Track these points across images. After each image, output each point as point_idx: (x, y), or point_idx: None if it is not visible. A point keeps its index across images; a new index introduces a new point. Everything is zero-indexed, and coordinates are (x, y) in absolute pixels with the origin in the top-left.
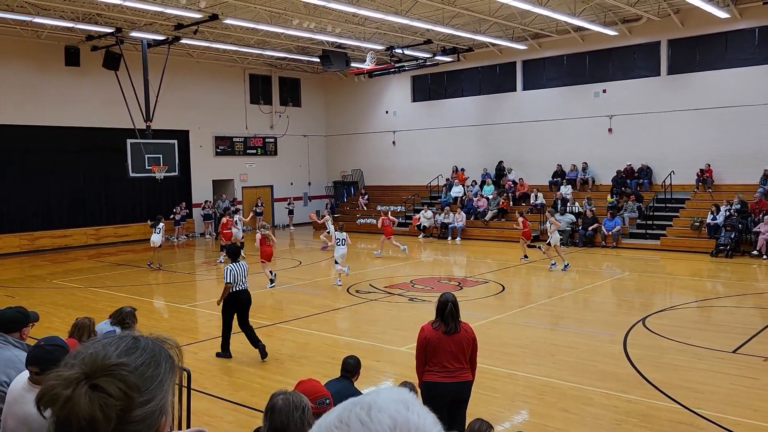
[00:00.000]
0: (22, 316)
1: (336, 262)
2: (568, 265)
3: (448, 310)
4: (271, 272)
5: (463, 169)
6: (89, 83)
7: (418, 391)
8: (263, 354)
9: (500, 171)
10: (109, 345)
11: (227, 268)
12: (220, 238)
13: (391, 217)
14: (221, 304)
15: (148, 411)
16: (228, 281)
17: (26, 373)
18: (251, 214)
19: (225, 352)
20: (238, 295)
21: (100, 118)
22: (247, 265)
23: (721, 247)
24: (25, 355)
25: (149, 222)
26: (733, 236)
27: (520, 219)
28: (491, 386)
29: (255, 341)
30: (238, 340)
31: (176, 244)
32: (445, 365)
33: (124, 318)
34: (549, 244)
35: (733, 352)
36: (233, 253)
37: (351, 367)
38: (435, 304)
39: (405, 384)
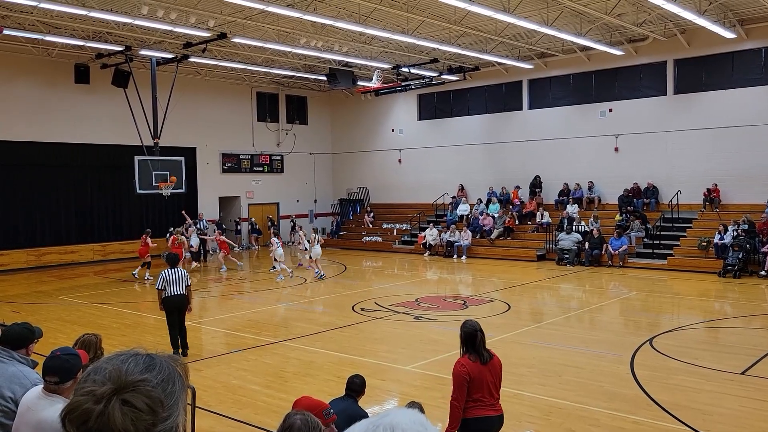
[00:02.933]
0: (29, 333)
1: (276, 260)
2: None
3: (479, 339)
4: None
5: (517, 187)
6: (98, 100)
7: (425, 411)
8: (183, 354)
9: (535, 185)
10: (126, 362)
11: (160, 274)
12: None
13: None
14: (161, 308)
15: (167, 427)
16: (158, 287)
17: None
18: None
19: (174, 350)
20: (169, 299)
21: (108, 135)
22: (186, 273)
23: (729, 268)
24: (29, 371)
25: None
26: (740, 256)
27: (148, 238)
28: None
29: (182, 344)
30: (244, 358)
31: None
32: (488, 398)
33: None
34: (310, 257)
35: (742, 373)
36: (171, 260)
37: (357, 387)
38: (443, 323)
39: (413, 404)
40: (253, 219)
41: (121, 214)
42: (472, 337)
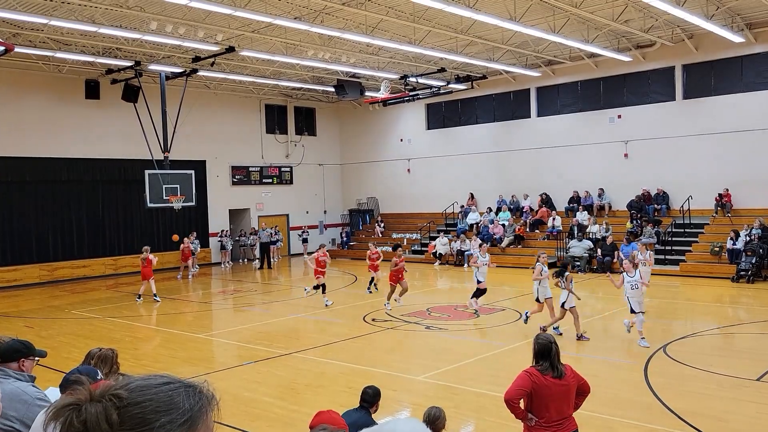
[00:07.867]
0: (24, 347)
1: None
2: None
3: (553, 351)
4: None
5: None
6: (109, 116)
7: (444, 414)
8: None
9: (545, 201)
10: (142, 378)
11: None
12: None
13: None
14: None
15: None
16: None
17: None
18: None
19: None
20: None
21: (119, 150)
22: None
23: (742, 273)
24: (26, 386)
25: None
26: (753, 261)
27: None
28: (510, 416)
29: None
30: (256, 371)
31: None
32: (556, 419)
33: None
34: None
35: (757, 379)
36: None
37: (368, 397)
38: (455, 333)
39: (434, 408)
40: (225, 231)
41: (132, 228)
42: (546, 349)
